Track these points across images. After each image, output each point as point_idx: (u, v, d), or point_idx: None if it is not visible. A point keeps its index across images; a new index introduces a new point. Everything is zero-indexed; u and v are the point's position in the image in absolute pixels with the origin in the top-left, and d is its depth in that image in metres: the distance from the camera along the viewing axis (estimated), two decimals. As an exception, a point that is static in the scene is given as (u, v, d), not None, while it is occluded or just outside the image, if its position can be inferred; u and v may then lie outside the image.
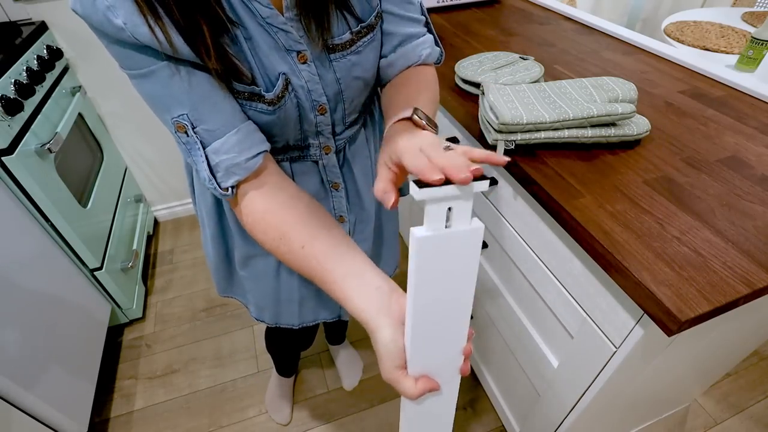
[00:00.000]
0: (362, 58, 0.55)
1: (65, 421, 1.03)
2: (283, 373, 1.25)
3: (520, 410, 1.01)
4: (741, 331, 0.78)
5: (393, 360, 0.39)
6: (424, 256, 0.34)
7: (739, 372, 1.32)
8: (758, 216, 0.58)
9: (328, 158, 0.63)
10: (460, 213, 0.33)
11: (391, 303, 0.40)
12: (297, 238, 0.46)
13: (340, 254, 0.45)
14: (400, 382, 0.39)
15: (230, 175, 0.46)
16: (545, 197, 0.65)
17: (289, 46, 0.49)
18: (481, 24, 1.24)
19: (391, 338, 0.39)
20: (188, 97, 0.44)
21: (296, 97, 0.52)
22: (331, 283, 0.44)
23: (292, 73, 0.50)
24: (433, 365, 0.40)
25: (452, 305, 0.38)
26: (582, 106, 0.68)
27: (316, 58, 0.51)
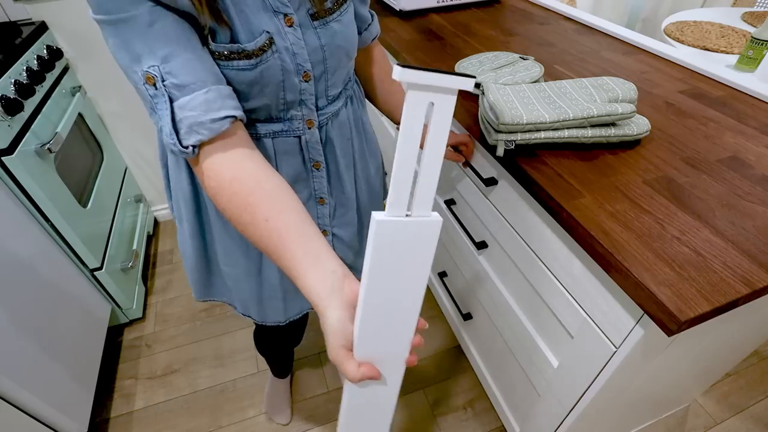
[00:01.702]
0: (343, 27, 0.58)
1: (65, 421, 1.03)
2: (279, 374, 1.24)
3: (520, 410, 1.01)
4: (741, 331, 0.78)
5: (338, 339, 0.40)
6: (382, 240, 0.34)
7: (739, 372, 1.32)
8: (758, 216, 0.58)
9: (311, 133, 0.62)
10: (441, 114, 0.31)
11: (343, 286, 0.41)
12: (262, 210, 0.46)
13: (302, 234, 0.46)
14: (343, 363, 0.40)
15: (192, 133, 0.45)
16: (545, 197, 0.65)
17: (277, 8, 0.51)
18: (481, 24, 1.24)
19: (338, 319, 0.40)
20: (162, 48, 0.43)
21: (280, 59, 0.52)
22: (288, 260, 0.44)
23: (277, 33, 0.51)
24: (379, 352, 0.40)
25: (404, 295, 0.38)
26: (582, 106, 0.68)
27: (302, 23, 0.54)
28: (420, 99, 0.30)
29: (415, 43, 1.13)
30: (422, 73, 0.29)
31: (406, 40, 1.15)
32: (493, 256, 0.92)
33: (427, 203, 0.34)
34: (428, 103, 0.31)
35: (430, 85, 0.30)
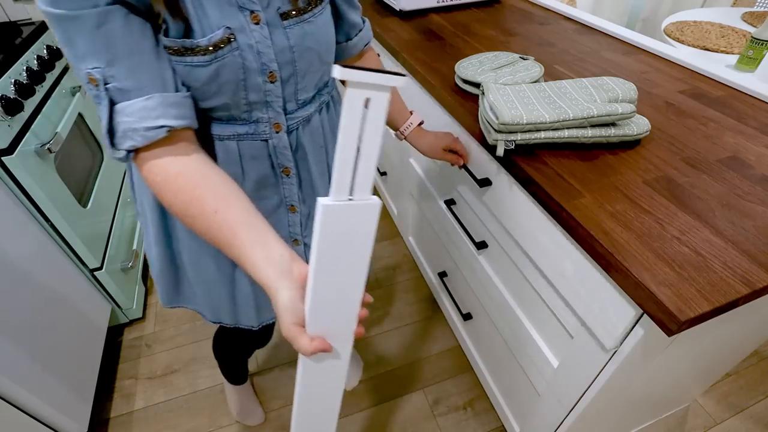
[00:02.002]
0: (314, 28, 0.57)
1: (65, 421, 1.03)
2: (237, 382, 1.22)
3: (520, 410, 1.01)
4: (741, 331, 0.78)
5: (291, 318, 0.42)
6: (328, 223, 0.37)
7: (739, 372, 1.32)
8: (758, 216, 0.58)
9: (278, 137, 0.61)
10: (377, 109, 0.35)
11: (292, 268, 0.44)
12: (210, 202, 0.47)
13: (250, 223, 0.47)
14: (297, 338, 0.42)
15: (126, 138, 0.46)
16: (545, 197, 0.65)
17: (243, 4, 0.49)
18: (481, 24, 1.24)
19: (290, 298, 0.42)
20: (107, 52, 0.43)
21: (241, 57, 0.51)
22: (239, 248, 0.46)
23: (241, 30, 0.50)
24: (329, 327, 0.43)
25: (349, 272, 0.41)
26: (582, 106, 0.68)
27: (270, 21, 0.52)
28: (358, 95, 0.33)
29: (415, 43, 1.13)
30: (359, 72, 0.32)
31: (406, 40, 1.15)
32: (493, 256, 0.92)
33: (367, 188, 0.37)
34: (365, 98, 0.34)
35: (367, 83, 0.33)
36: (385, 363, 1.36)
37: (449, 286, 1.21)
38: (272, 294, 0.44)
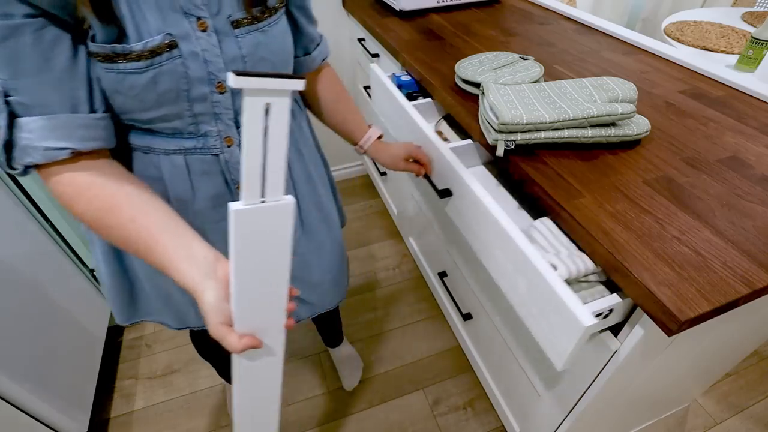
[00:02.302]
0: (268, 38, 0.55)
1: (65, 421, 1.03)
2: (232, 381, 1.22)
3: (520, 410, 1.01)
4: (741, 331, 0.78)
5: (217, 317, 0.43)
6: (242, 226, 0.38)
7: (739, 372, 1.32)
8: (758, 216, 0.58)
9: (230, 152, 0.59)
10: (278, 113, 0.35)
11: (216, 269, 0.44)
12: (127, 211, 0.47)
13: (170, 229, 0.47)
14: (225, 337, 0.43)
15: (26, 154, 0.44)
16: (545, 197, 0.65)
17: (188, 9, 0.48)
18: (481, 24, 1.24)
19: (215, 298, 0.43)
20: (11, 65, 0.41)
21: (183, 66, 0.49)
22: (161, 254, 0.46)
23: (185, 37, 0.48)
24: (257, 323, 0.44)
25: (271, 269, 0.42)
26: (582, 106, 0.68)
27: (220, 29, 0.51)
28: (256, 102, 0.34)
29: (415, 43, 1.13)
30: (254, 79, 0.32)
31: (406, 40, 1.15)
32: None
33: (279, 189, 0.38)
34: (265, 104, 0.34)
35: (263, 88, 0.33)
36: (385, 363, 1.36)
37: (449, 286, 1.21)
38: (197, 296, 0.44)
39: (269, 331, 0.45)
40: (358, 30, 1.49)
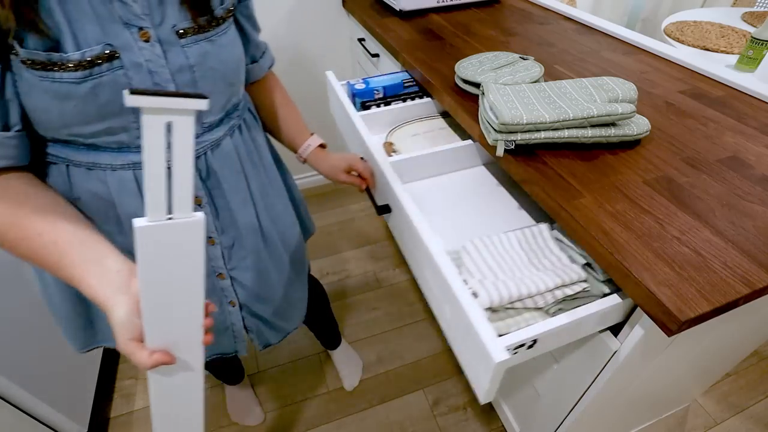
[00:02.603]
0: (217, 48, 0.54)
1: (65, 421, 1.03)
2: (230, 381, 1.22)
3: (520, 410, 1.01)
4: (741, 331, 0.78)
5: (127, 333, 0.42)
6: (146, 243, 0.38)
7: (739, 372, 1.32)
8: (758, 216, 0.58)
9: None
10: (181, 132, 0.35)
11: (130, 283, 0.44)
12: (34, 225, 0.46)
13: (81, 241, 0.46)
14: (134, 354, 0.42)
15: None
16: (545, 197, 0.65)
17: (128, 20, 0.47)
18: (481, 24, 1.24)
19: (126, 313, 0.42)
20: None
21: (126, 77, 0.48)
22: (71, 269, 0.45)
23: (127, 48, 0.47)
24: (170, 339, 0.44)
25: (183, 286, 0.41)
26: (582, 106, 0.68)
27: (164, 39, 0.50)
28: (155, 120, 0.33)
29: (415, 43, 1.13)
30: (149, 98, 0.32)
31: (406, 40, 1.15)
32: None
33: (187, 206, 0.38)
34: (166, 122, 0.33)
35: (163, 107, 0.33)
36: (385, 363, 1.36)
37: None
38: (107, 310, 0.43)
39: (184, 347, 0.45)
40: (358, 30, 1.49)
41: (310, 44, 1.60)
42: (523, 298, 0.58)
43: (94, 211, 0.56)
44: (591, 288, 0.61)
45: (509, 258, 0.65)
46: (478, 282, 0.59)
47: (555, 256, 0.65)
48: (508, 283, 0.58)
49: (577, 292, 0.60)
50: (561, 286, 0.59)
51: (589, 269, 0.62)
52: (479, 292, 0.57)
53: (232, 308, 0.74)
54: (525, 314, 0.59)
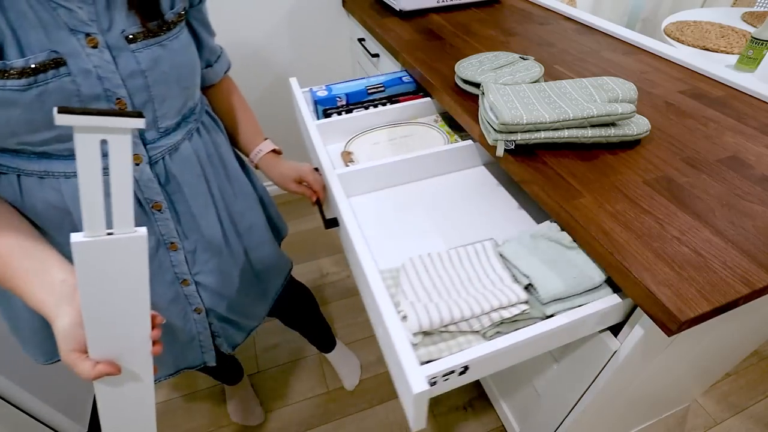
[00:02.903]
0: (169, 52, 0.54)
1: (65, 421, 1.03)
2: (229, 382, 1.22)
3: (520, 410, 1.02)
4: (741, 331, 0.78)
5: (69, 344, 0.42)
6: (84, 259, 0.38)
7: (739, 372, 1.32)
8: (758, 216, 0.58)
9: (140, 170, 0.57)
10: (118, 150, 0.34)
11: (74, 293, 0.44)
12: None
13: (27, 252, 0.46)
14: (75, 365, 0.42)
15: None
16: (545, 197, 0.65)
17: (74, 26, 0.46)
18: (481, 24, 1.24)
19: (69, 324, 0.42)
20: None
21: (74, 83, 0.47)
22: (15, 279, 0.45)
23: (74, 55, 0.47)
24: (116, 350, 0.44)
25: (127, 299, 0.42)
26: (582, 106, 0.68)
27: (113, 45, 0.49)
28: (89, 138, 0.33)
29: (415, 43, 1.13)
30: (80, 117, 0.31)
31: (406, 40, 1.15)
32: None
33: (128, 221, 0.38)
34: (100, 140, 0.33)
35: (94, 126, 0.32)
36: (385, 363, 1.36)
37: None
38: (51, 321, 0.43)
39: (131, 358, 0.45)
40: (358, 30, 1.49)
41: (310, 44, 1.60)
42: (456, 321, 0.54)
43: (49, 221, 0.55)
44: (531, 310, 0.57)
45: (448, 277, 0.61)
46: (409, 304, 0.56)
47: (497, 275, 0.61)
48: (441, 306, 0.55)
49: (516, 314, 0.56)
50: (498, 308, 0.55)
51: (532, 290, 0.59)
52: (409, 315, 0.54)
53: (197, 315, 0.73)
54: (460, 338, 0.55)
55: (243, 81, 0.76)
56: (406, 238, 0.74)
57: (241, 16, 1.45)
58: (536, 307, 0.58)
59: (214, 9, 0.68)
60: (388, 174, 0.83)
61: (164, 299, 0.68)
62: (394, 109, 1.00)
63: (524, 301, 0.57)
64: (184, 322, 0.72)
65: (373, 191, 0.84)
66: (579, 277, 0.57)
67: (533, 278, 0.58)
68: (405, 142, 0.95)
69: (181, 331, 0.73)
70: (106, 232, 0.37)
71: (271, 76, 1.60)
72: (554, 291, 0.56)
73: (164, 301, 0.68)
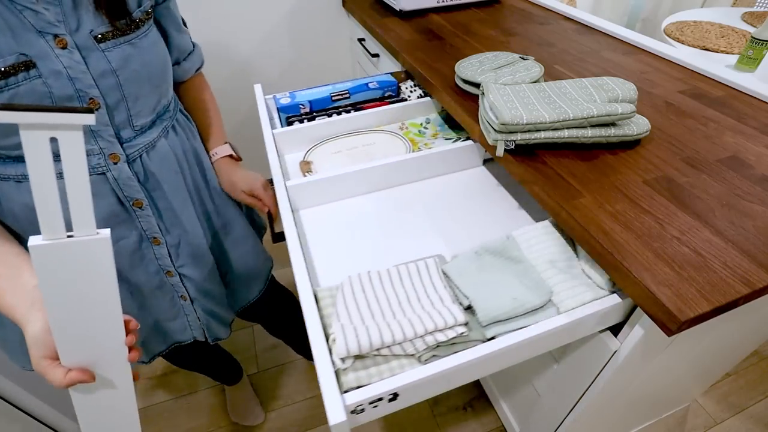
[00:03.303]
0: (139, 50, 0.54)
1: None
2: (228, 382, 1.22)
3: (520, 410, 1.02)
4: (741, 331, 0.78)
5: (40, 351, 0.41)
6: (43, 262, 0.36)
7: (739, 372, 1.32)
8: (758, 216, 0.58)
9: (118, 169, 0.57)
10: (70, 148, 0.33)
11: None
12: None
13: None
14: (47, 373, 0.41)
15: None
16: (545, 197, 0.65)
17: (42, 28, 0.47)
18: (481, 24, 1.24)
19: (39, 330, 0.41)
20: None
21: (45, 85, 0.47)
22: None
23: (43, 56, 0.47)
24: (89, 357, 0.42)
25: (95, 304, 0.40)
26: (582, 106, 0.68)
27: (82, 45, 0.50)
28: (37, 136, 0.32)
29: (415, 43, 1.13)
30: (23, 114, 0.30)
31: (406, 40, 1.15)
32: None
33: (88, 223, 0.36)
34: (50, 137, 0.32)
35: (41, 123, 0.31)
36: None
37: (449, 286, 1.21)
38: (22, 327, 0.43)
39: (106, 364, 0.44)
40: (358, 30, 1.49)
41: (310, 44, 1.60)
42: (388, 345, 0.52)
43: (28, 224, 0.55)
44: (471, 333, 0.54)
45: (385, 297, 0.58)
46: (340, 327, 0.53)
47: (438, 294, 0.58)
48: (371, 329, 0.52)
49: (452, 338, 0.53)
50: (434, 331, 0.53)
51: (470, 312, 0.57)
52: (338, 338, 0.52)
53: (184, 302, 0.74)
54: (393, 362, 0.53)
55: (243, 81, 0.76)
56: (356, 252, 0.70)
57: (241, 16, 1.45)
58: (477, 329, 0.55)
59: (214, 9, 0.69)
60: (345, 185, 0.80)
61: (150, 285, 0.69)
62: (358, 117, 0.97)
63: (463, 323, 0.54)
64: (172, 304, 0.73)
65: (329, 203, 0.80)
66: (520, 299, 0.55)
67: (473, 300, 0.56)
68: (367, 151, 0.92)
69: (170, 310, 0.74)
70: (66, 234, 0.36)
71: (271, 76, 1.60)
72: (494, 313, 0.54)
73: (150, 287, 0.69)
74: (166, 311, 0.74)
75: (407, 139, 0.95)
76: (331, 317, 0.57)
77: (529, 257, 0.63)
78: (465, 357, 0.51)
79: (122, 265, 0.64)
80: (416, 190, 0.84)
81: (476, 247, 0.64)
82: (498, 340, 0.53)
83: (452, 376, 0.52)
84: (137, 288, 0.68)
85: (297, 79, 1.65)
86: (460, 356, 0.51)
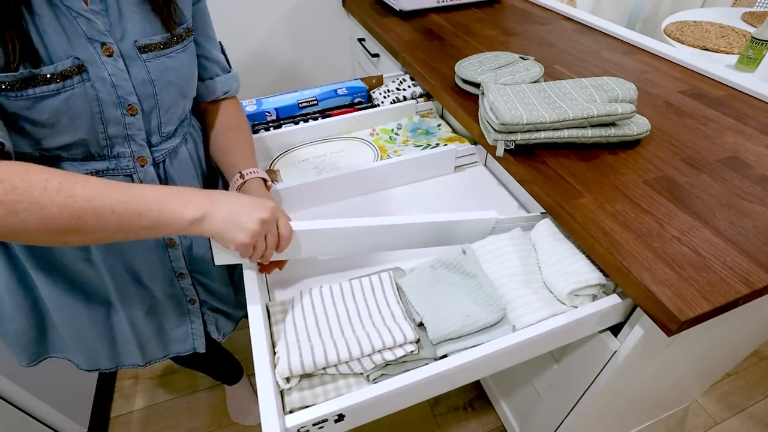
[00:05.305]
0: (176, 63, 0.57)
1: (65, 421, 1.03)
2: (228, 381, 1.22)
3: (520, 410, 1.02)
4: (741, 331, 0.78)
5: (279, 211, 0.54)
6: None
7: (739, 372, 1.32)
8: (758, 216, 0.58)
9: (144, 171, 0.59)
10: None
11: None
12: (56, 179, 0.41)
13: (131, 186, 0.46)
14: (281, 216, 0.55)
15: None
16: (545, 197, 0.65)
17: (92, 35, 0.48)
18: (481, 24, 1.24)
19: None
20: None
21: (94, 89, 0.49)
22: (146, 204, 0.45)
23: (92, 62, 0.49)
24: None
25: None
26: (582, 106, 0.68)
27: (126, 54, 0.52)
28: None
29: (415, 43, 1.13)
30: None
31: (406, 40, 1.15)
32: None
33: None
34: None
35: None
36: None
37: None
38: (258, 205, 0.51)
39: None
40: (358, 30, 1.49)
41: (310, 44, 1.60)
42: (333, 364, 0.50)
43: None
44: (423, 351, 0.53)
45: (335, 313, 0.56)
46: (284, 345, 0.52)
47: (390, 310, 0.56)
48: (316, 348, 0.51)
49: (401, 356, 0.51)
50: (382, 349, 0.51)
51: (423, 329, 0.55)
52: (281, 357, 0.50)
53: (192, 306, 0.76)
54: (340, 381, 0.51)
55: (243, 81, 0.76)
56: (317, 264, 0.69)
57: (241, 16, 1.45)
58: (428, 346, 0.53)
59: (215, 10, 0.69)
60: (311, 193, 0.79)
61: (162, 288, 0.70)
62: (328, 124, 0.96)
63: (413, 341, 0.52)
64: (180, 310, 0.75)
65: (295, 211, 0.79)
66: (473, 316, 0.53)
67: (424, 317, 0.54)
68: (335, 159, 0.91)
69: (176, 317, 0.75)
70: None
71: (271, 76, 1.60)
72: (445, 332, 0.52)
73: (162, 290, 0.70)
74: (172, 317, 0.75)
75: (376, 146, 0.94)
76: (279, 333, 0.55)
77: (487, 270, 0.60)
78: (415, 376, 0.49)
79: (138, 267, 0.66)
80: (385, 197, 0.84)
81: (432, 261, 0.61)
82: (449, 359, 0.51)
83: (402, 395, 0.50)
84: (149, 291, 0.69)
85: (297, 79, 1.65)
86: (410, 375, 0.49)
